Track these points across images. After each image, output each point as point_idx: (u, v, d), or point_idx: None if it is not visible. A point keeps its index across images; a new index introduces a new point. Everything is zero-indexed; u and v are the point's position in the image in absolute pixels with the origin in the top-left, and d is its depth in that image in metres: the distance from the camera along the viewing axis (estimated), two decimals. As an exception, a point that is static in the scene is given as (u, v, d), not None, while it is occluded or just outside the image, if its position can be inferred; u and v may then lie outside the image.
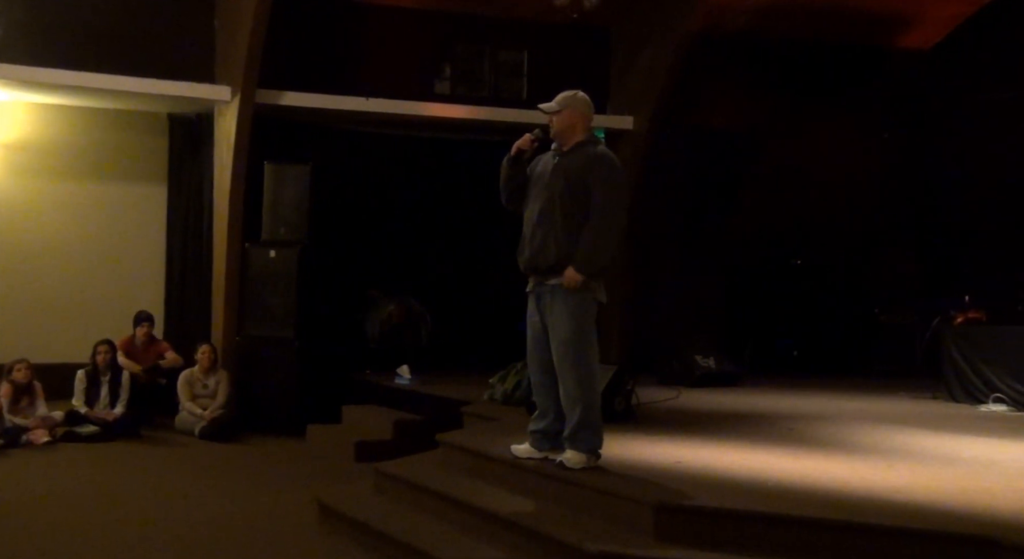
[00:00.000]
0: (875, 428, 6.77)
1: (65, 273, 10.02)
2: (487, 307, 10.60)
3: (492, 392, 7.77)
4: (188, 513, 6.11)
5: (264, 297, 9.39)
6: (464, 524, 5.04)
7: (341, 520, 5.63)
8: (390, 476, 5.86)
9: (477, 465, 5.60)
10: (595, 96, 5.35)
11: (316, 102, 9.91)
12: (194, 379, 9.07)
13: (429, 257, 10.71)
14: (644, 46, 10.71)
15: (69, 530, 5.66)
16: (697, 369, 9.34)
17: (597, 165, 5.04)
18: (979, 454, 5.88)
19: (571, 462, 4.98)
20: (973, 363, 8.31)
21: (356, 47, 10.49)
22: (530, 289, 5.23)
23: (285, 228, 9.46)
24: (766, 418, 7.20)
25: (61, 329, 9.76)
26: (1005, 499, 4.56)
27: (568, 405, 5.03)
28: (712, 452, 5.65)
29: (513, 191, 5.25)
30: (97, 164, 10.17)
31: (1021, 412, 7.69)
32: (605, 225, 4.98)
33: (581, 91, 5.21)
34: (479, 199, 9.86)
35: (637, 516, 4.41)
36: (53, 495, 6.55)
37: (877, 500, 4.52)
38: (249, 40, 9.07)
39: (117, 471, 7.39)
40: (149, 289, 10.19)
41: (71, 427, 8.41)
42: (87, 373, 8.73)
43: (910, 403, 8.44)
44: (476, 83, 11.10)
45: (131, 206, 10.30)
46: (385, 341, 9.84)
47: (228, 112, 9.56)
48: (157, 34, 9.65)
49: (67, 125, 10.07)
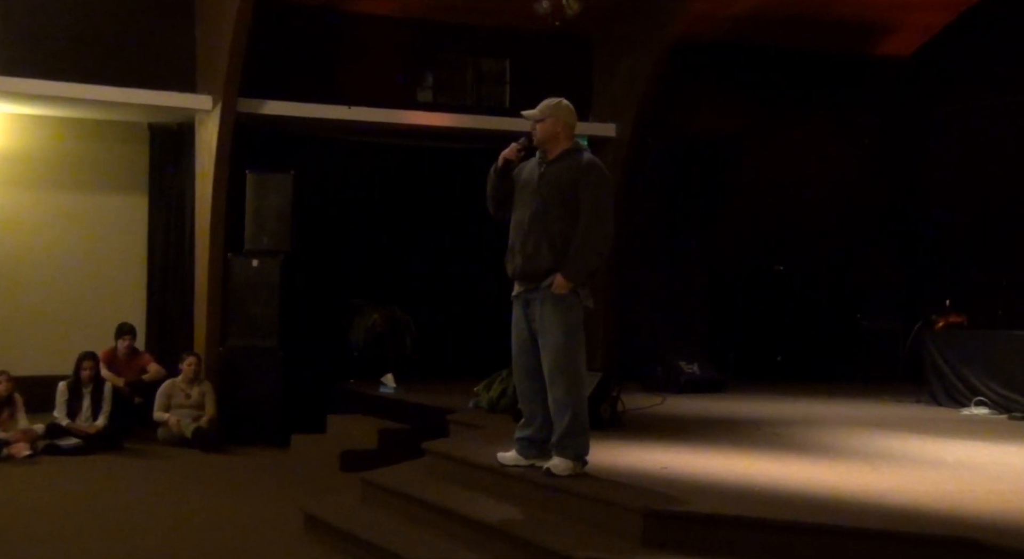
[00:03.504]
0: (859, 432, 6.81)
1: (45, 284, 9.94)
2: (471, 315, 10.59)
3: (477, 400, 7.77)
4: (172, 524, 6.06)
5: (247, 307, 9.35)
6: (451, 533, 5.03)
7: (327, 530, 5.60)
8: (376, 485, 5.84)
9: (463, 473, 5.59)
10: (578, 104, 5.37)
11: (298, 111, 9.89)
12: (176, 389, 9.01)
13: (413, 265, 10.69)
14: (626, 54, 10.75)
15: (52, 542, 5.61)
16: (681, 375, 9.37)
17: (587, 173, 5.07)
18: (962, 457, 5.92)
19: (558, 469, 4.98)
20: (955, 367, 8.37)
21: (338, 56, 10.48)
22: (516, 294, 5.23)
23: (268, 237, 9.43)
24: (751, 423, 7.23)
25: (42, 341, 9.68)
26: (988, 501, 4.59)
27: (557, 411, 5.03)
28: (698, 458, 5.67)
29: (501, 201, 5.26)
30: (77, 174, 10.10)
31: (1003, 415, 7.75)
32: (595, 232, 5.01)
33: (564, 99, 5.23)
34: (462, 207, 9.87)
35: (624, 522, 4.42)
36: (35, 508, 6.49)
37: (862, 503, 4.54)
38: (230, 49, 9.04)
39: (100, 483, 7.34)
40: (130, 300, 10.12)
41: (52, 440, 8.33)
42: (68, 385, 8.65)
43: (893, 407, 8.49)
44: (458, 91, 11.09)
45: (112, 216, 10.23)
46: (369, 350, 9.81)
47: (209, 121, 9.52)
48: (137, 43, 9.60)
49: (47, 135, 10.01)
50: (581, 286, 5.06)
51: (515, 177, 5.26)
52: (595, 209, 5.01)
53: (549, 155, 5.17)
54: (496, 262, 5.31)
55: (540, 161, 5.21)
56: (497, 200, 5.28)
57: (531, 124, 5.18)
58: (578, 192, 5.04)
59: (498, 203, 5.28)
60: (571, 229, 5.02)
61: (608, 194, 5.11)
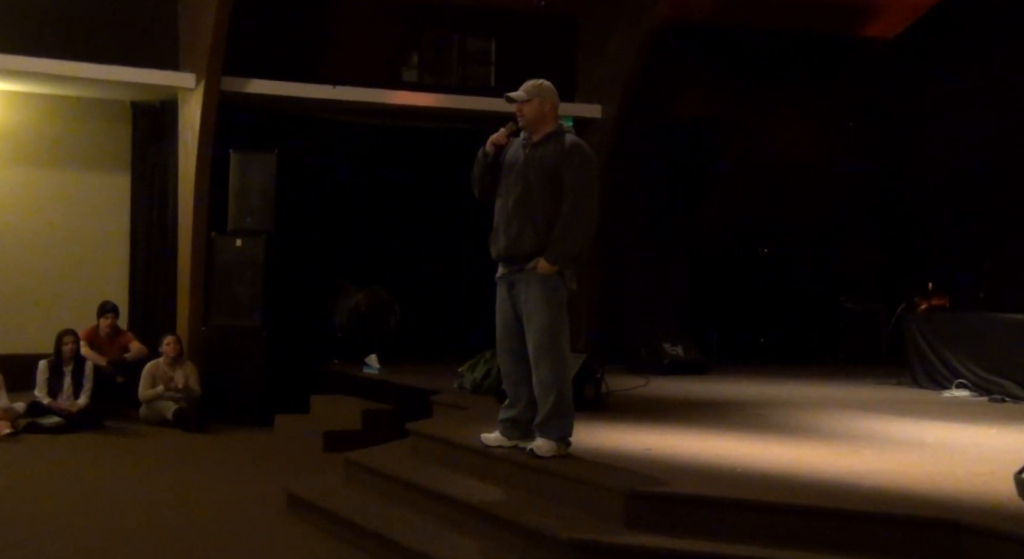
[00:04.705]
0: (841, 414, 6.85)
1: (26, 263, 9.87)
2: (456, 296, 10.58)
3: (461, 381, 7.77)
4: (155, 503, 6.05)
5: (230, 287, 9.32)
6: (434, 513, 5.04)
7: (310, 510, 5.61)
8: (359, 466, 5.85)
9: (447, 454, 5.59)
10: (563, 85, 5.35)
11: (282, 90, 9.82)
12: (159, 370, 8.98)
13: (397, 246, 10.66)
14: (611, 35, 10.71)
15: (32, 521, 5.59)
16: (665, 357, 9.39)
17: (571, 155, 5.06)
18: (942, 439, 5.97)
19: (541, 450, 4.99)
20: (937, 349, 8.42)
21: (323, 34, 10.40)
22: (500, 276, 5.23)
23: (251, 217, 9.38)
24: (734, 405, 7.26)
25: (23, 320, 9.63)
26: (968, 483, 4.63)
27: (541, 393, 5.04)
28: (681, 439, 5.69)
29: (489, 185, 5.25)
30: (59, 153, 10.01)
31: (983, 397, 7.80)
32: (578, 215, 5.00)
33: (546, 80, 5.20)
34: (447, 187, 9.84)
35: (608, 503, 4.43)
36: (16, 486, 6.47)
37: (843, 485, 4.57)
38: (214, 26, 8.96)
39: (81, 462, 7.31)
40: (113, 279, 10.07)
41: (34, 418, 8.29)
42: (49, 364, 8.61)
43: (875, 389, 8.54)
44: (444, 71, 11.05)
45: (94, 195, 10.15)
46: (353, 330, 9.79)
47: (192, 99, 9.44)
48: (120, 20, 9.49)
49: (28, 113, 9.91)
50: (565, 268, 5.05)
51: (500, 159, 5.24)
52: (578, 191, 5.00)
53: (534, 137, 5.15)
54: (481, 243, 5.30)
55: (525, 143, 5.19)
56: (483, 184, 5.26)
57: (516, 106, 5.15)
58: (562, 174, 5.02)
59: (484, 187, 5.27)
60: (555, 211, 5.01)
61: (592, 176, 5.10)
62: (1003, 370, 7.81)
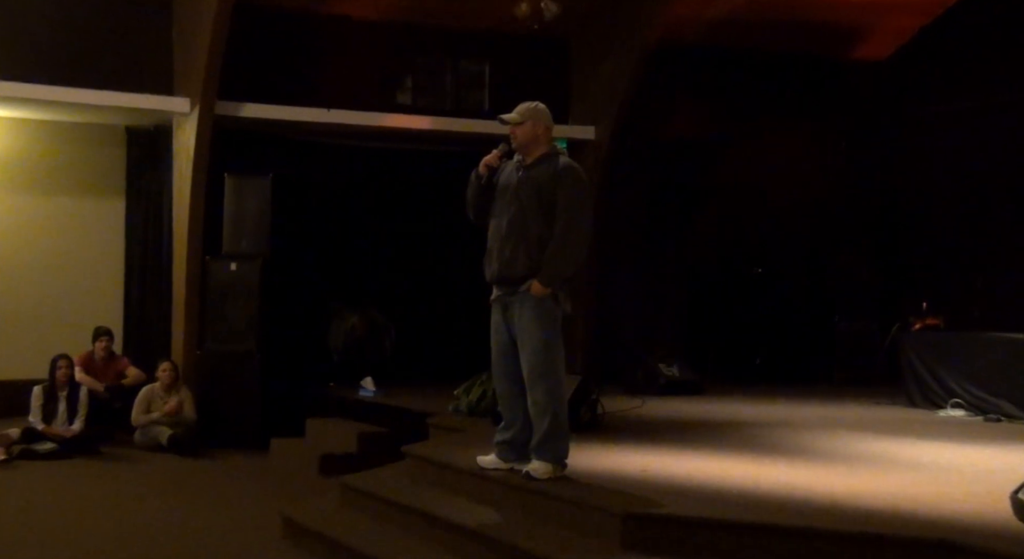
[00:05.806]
0: (836, 434, 6.85)
1: (21, 288, 9.85)
2: (451, 318, 10.58)
3: (457, 403, 7.76)
4: (151, 529, 6.02)
5: (225, 311, 9.30)
6: (431, 536, 5.02)
7: (306, 534, 5.58)
8: (356, 489, 5.83)
9: (443, 477, 5.58)
10: (557, 106, 5.38)
11: (276, 113, 9.85)
12: (155, 396, 8.95)
13: (392, 268, 10.67)
14: (605, 57, 10.77)
15: (26, 548, 5.56)
16: (661, 378, 9.38)
17: (563, 176, 5.08)
18: (938, 458, 5.97)
19: (538, 472, 4.98)
20: (932, 369, 8.42)
21: (317, 58, 10.45)
22: (494, 298, 5.23)
23: (246, 241, 9.38)
24: (730, 426, 7.26)
25: (17, 345, 9.59)
26: (964, 503, 4.63)
27: (536, 415, 5.04)
28: (677, 460, 5.68)
29: (482, 207, 5.26)
30: (54, 178, 10.01)
31: (979, 417, 7.81)
32: (571, 236, 5.02)
33: (540, 102, 5.23)
34: (441, 210, 9.84)
35: (604, 525, 4.42)
36: (10, 513, 6.43)
37: (838, 505, 4.57)
38: (208, 51, 8.99)
39: (76, 488, 7.28)
40: (108, 304, 10.05)
41: (28, 444, 8.25)
42: (44, 389, 8.57)
43: (870, 409, 8.54)
44: (437, 94, 11.08)
45: (89, 220, 10.15)
46: (348, 353, 9.78)
47: (187, 124, 9.47)
48: (114, 46, 9.52)
49: (23, 139, 9.92)
50: (559, 290, 5.06)
51: (494, 182, 5.26)
52: (571, 213, 5.02)
53: (527, 159, 5.17)
54: (475, 265, 5.31)
55: (518, 165, 5.21)
56: (478, 206, 5.28)
57: (510, 128, 5.18)
58: (555, 196, 5.04)
59: (478, 209, 5.28)
60: (549, 234, 5.02)
61: (585, 198, 5.12)
62: (998, 389, 7.81)
